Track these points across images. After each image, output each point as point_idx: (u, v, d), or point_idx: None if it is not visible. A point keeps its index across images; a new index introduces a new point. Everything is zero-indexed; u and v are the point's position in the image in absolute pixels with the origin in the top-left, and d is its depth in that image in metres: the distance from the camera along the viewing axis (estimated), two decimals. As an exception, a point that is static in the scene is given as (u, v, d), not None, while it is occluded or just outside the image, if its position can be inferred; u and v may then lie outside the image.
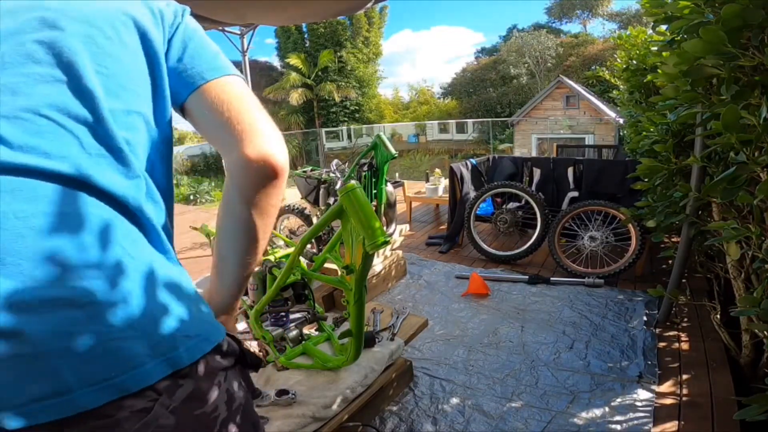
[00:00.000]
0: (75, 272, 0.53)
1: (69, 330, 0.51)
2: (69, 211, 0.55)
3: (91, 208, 0.57)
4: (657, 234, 2.37)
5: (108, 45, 0.62)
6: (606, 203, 3.32)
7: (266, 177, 0.68)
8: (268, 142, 0.67)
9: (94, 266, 0.55)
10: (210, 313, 0.69)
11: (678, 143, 2.31)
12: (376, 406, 1.94)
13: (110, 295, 0.55)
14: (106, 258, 0.56)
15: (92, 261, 0.55)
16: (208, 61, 0.70)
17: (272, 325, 1.91)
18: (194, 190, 12.46)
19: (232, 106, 0.67)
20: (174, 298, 0.61)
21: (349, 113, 24.09)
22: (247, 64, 4.29)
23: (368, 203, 1.36)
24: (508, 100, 22.90)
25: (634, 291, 3.08)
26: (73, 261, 0.53)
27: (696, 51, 1.45)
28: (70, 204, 0.55)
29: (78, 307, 0.52)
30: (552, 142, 14.05)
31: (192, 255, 4.70)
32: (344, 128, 23.31)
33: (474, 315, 2.87)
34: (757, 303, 1.37)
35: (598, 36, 24.59)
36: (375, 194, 3.02)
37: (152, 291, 0.59)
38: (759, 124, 1.31)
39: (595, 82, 18.52)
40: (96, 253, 0.55)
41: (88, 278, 0.54)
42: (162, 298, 0.60)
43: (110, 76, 0.61)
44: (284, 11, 3.36)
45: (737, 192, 1.39)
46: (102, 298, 0.54)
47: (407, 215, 5.49)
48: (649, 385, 2.04)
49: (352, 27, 23.33)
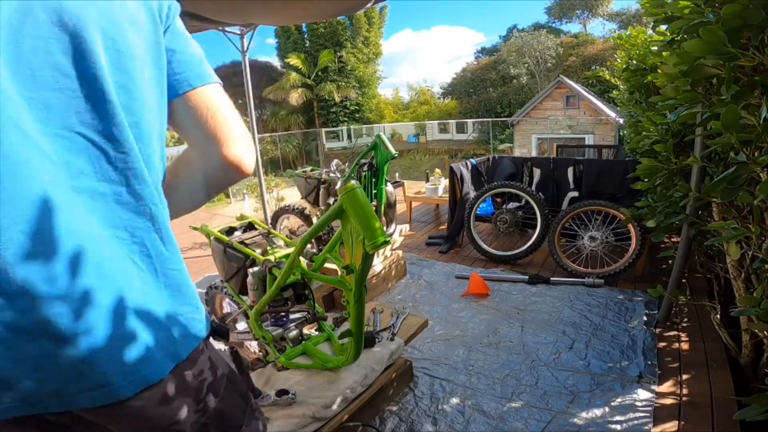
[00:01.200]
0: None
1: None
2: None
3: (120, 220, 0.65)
4: (657, 234, 2.37)
5: (122, 56, 0.63)
6: (606, 203, 3.32)
7: (236, 176, 0.77)
8: (243, 148, 0.76)
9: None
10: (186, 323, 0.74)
11: (678, 143, 2.31)
12: (376, 406, 1.95)
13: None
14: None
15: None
16: (194, 67, 0.74)
17: (272, 325, 1.91)
18: (194, 190, 12.44)
19: (215, 114, 0.73)
20: (144, 323, 0.67)
21: (349, 113, 24.07)
22: (247, 64, 4.28)
23: (368, 203, 1.36)
24: (508, 100, 22.87)
25: (634, 291, 3.08)
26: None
27: (696, 51, 1.45)
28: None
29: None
30: (552, 142, 14.06)
31: (192, 255, 4.70)
32: (344, 128, 23.30)
33: (474, 315, 2.87)
34: (757, 303, 1.37)
35: (598, 36, 24.56)
36: (375, 194, 3.02)
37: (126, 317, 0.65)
38: (759, 124, 1.31)
39: (595, 82, 18.51)
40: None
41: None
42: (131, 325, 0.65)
43: (125, 89, 0.63)
44: (284, 11, 3.36)
45: (737, 192, 1.39)
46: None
47: (407, 215, 5.49)
48: (649, 385, 2.04)
49: (352, 27, 23.31)
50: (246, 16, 3.35)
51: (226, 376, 0.80)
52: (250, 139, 0.79)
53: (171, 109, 0.73)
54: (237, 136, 0.75)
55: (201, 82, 0.73)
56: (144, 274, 0.66)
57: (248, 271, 1.94)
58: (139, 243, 0.66)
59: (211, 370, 0.77)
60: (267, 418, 1.57)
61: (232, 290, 2.21)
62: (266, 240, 2.20)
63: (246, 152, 0.76)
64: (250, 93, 4.38)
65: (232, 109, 0.77)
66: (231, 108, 0.77)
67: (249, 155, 0.77)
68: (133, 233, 0.65)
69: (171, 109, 0.73)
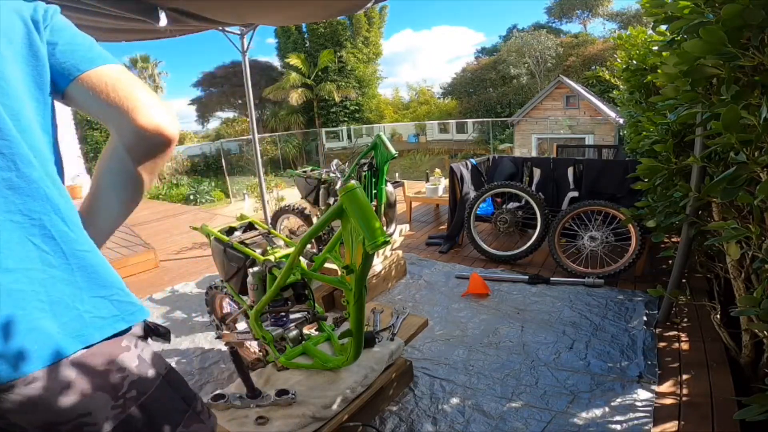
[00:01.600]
0: None
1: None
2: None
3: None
4: (657, 234, 2.36)
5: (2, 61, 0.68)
6: (606, 203, 3.32)
7: (160, 144, 0.77)
8: (158, 114, 0.76)
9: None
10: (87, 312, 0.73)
11: (678, 143, 2.31)
12: (376, 406, 1.95)
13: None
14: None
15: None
16: (80, 54, 0.76)
17: (272, 325, 1.91)
18: (194, 190, 12.46)
19: (116, 87, 0.75)
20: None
21: (349, 113, 24.08)
22: (247, 64, 4.28)
23: (368, 203, 1.36)
24: (508, 100, 22.85)
25: (634, 291, 3.08)
26: None
27: (696, 51, 1.45)
28: None
29: None
30: (552, 142, 14.06)
31: (192, 255, 4.70)
32: (344, 128, 23.30)
33: (474, 315, 2.87)
34: (757, 303, 1.37)
35: (598, 36, 24.52)
36: (375, 194, 3.02)
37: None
38: (759, 124, 1.31)
39: (595, 82, 18.50)
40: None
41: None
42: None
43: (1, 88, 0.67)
44: (284, 11, 3.36)
45: (737, 192, 1.39)
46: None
47: (407, 215, 5.49)
48: (649, 385, 2.04)
49: (352, 27, 23.31)
50: (246, 16, 3.35)
51: (162, 377, 0.80)
52: (167, 108, 0.79)
53: (69, 97, 0.76)
54: (147, 102, 0.75)
55: (91, 65, 0.75)
56: (49, 256, 0.68)
57: (248, 271, 1.94)
58: (39, 225, 0.68)
59: (139, 367, 0.77)
60: (266, 418, 1.58)
61: (232, 290, 2.21)
62: (266, 240, 2.20)
63: (161, 116, 0.76)
64: (250, 93, 4.38)
65: (138, 82, 0.78)
66: (136, 81, 0.78)
67: (165, 119, 0.76)
68: (30, 216, 0.67)
69: (69, 97, 0.76)
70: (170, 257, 4.68)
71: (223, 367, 2.48)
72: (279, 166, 17.38)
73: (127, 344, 0.77)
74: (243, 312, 2.15)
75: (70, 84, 0.74)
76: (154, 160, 0.80)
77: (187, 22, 2.96)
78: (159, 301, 3.49)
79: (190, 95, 58.45)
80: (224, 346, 2.52)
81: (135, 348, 0.78)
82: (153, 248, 4.49)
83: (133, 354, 0.77)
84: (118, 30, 3.03)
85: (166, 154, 0.80)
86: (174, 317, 3.16)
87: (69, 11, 2.37)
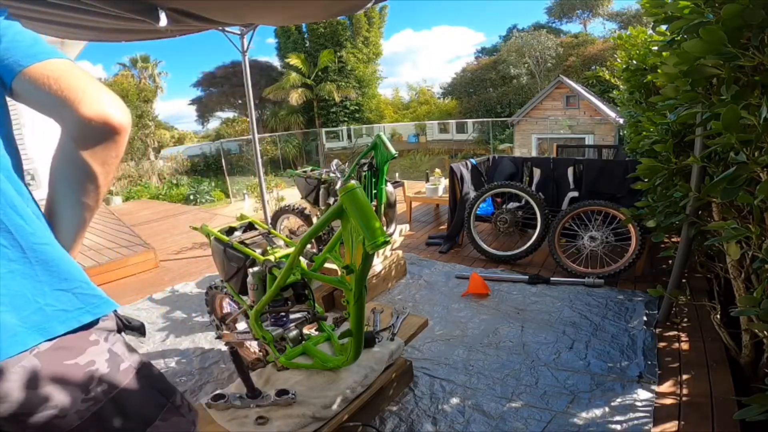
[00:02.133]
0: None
1: None
2: None
3: None
4: (657, 234, 2.36)
5: None
6: (606, 203, 3.32)
7: (108, 133, 0.75)
8: (104, 103, 0.74)
9: None
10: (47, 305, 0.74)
11: (678, 143, 2.31)
12: (376, 406, 1.94)
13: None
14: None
15: None
16: (22, 50, 0.76)
17: (272, 325, 1.91)
18: (194, 190, 12.46)
19: (59, 80, 0.74)
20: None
21: (349, 113, 24.08)
22: (247, 64, 4.28)
23: (368, 203, 1.36)
24: (508, 100, 22.85)
25: (634, 291, 3.08)
26: None
27: (696, 51, 1.45)
28: None
29: None
30: (552, 142, 14.06)
31: (192, 255, 4.70)
32: (344, 128, 23.31)
33: (474, 315, 2.87)
34: (757, 303, 1.37)
35: (598, 36, 24.53)
36: (375, 194, 3.02)
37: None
38: (759, 124, 1.31)
39: (595, 82, 18.50)
40: None
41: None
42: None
43: None
44: (284, 11, 3.36)
45: (737, 192, 1.39)
46: None
47: (407, 215, 5.49)
48: (649, 385, 2.04)
49: (352, 27, 23.31)
50: (246, 16, 3.35)
51: (136, 370, 0.81)
52: (115, 97, 0.77)
53: (15, 92, 0.76)
54: (91, 92, 0.74)
55: (33, 60, 0.75)
56: (6, 250, 0.70)
57: (248, 271, 1.94)
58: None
59: (110, 361, 0.77)
60: (266, 418, 1.58)
61: (232, 290, 2.21)
62: (266, 240, 2.20)
63: (106, 105, 0.74)
64: (250, 93, 4.38)
65: (84, 75, 0.76)
66: (81, 73, 0.76)
67: (111, 108, 0.75)
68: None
69: (15, 92, 0.76)
70: (170, 257, 4.68)
71: (223, 367, 2.48)
72: (279, 166, 17.38)
73: (96, 338, 0.77)
74: (243, 312, 2.15)
75: (14, 79, 0.74)
76: (104, 151, 0.77)
77: (187, 22, 2.96)
78: (159, 301, 3.49)
79: (190, 95, 58.49)
80: (224, 346, 2.52)
81: (105, 342, 0.79)
82: (153, 248, 4.49)
83: (102, 347, 0.77)
84: (118, 30, 3.03)
85: (116, 143, 0.78)
86: (174, 317, 3.16)
87: (69, 11, 2.37)
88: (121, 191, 11.98)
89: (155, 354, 2.66)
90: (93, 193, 0.80)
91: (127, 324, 0.88)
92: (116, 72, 23.91)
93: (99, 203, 0.84)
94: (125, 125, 0.77)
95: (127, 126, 0.77)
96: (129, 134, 0.81)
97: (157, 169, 15.58)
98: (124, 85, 14.50)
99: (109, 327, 0.81)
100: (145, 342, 2.78)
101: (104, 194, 0.84)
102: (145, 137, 14.78)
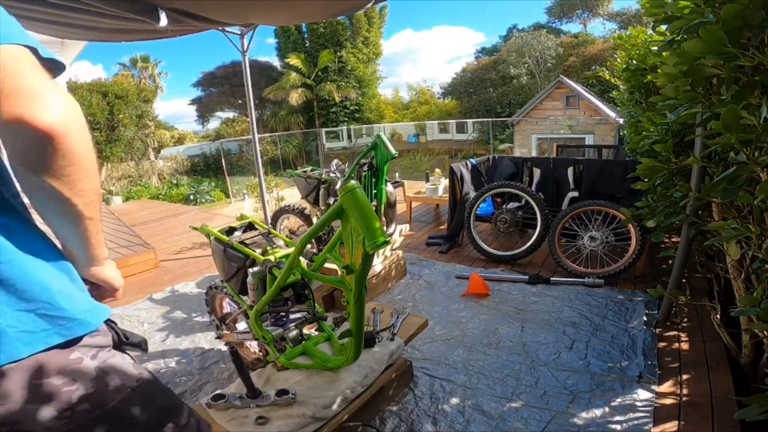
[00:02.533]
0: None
1: None
2: None
3: None
4: (657, 234, 2.36)
5: None
6: (606, 203, 3.32)
7: (33, 138, 0.62)
8: (26, 101, 0.61)
9: None
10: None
11: (678, 143, 2.31)
12: (376, 406, 1.94)
13: None
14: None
15: None
16: None
17: (272, 325, 1.91)
18: (194, 190, 12.47)
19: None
20: None
21: (349, 113, 24.09)
22: (247, 64, 4.28)
23: (368, 203, 1.36)
24: (508, 100, 22.86)
25: (634, 291, 3.08)
26: None
27: (696, 51, 1.45)
28: None
29: None
30: (552, 142, 14.06)
31: (192, 255, 4.70)
32: (344, 128, 23.31)
33: (474, 315, 2.87)
34: (757, 303, 1.37)
35: (598, 36, 24.53)
36: (375, 194, 3.02)
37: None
38: (759, 124, 1.31)
39: (595, 82, 18.50)
40: None
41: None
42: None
43: None
44: (284, 11, 3.36)
45: (737, 192, 1.39)
46: None
47: (407, 215, 5.49)
48: (649, 385, 2.04)
49: (352, 27, 23.31)
50: (246, 16, 3.35)
51: (132, 388, 0.77)
52: (51, 93, 0.65)
53: None
54: (19, 88, 0.61)
55: None
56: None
57: (248, 271, 1.94)
58: None
59: (96, 380, 0.73)
60: (266, 418, 1.58)
61: (232, 290, 2.21)
62: (266, 240, 2.20)
63: (33, 105, 0.61)
64: (250, 93, 4.38)
65: (18, 64, 0.63)
66: (13, 63, 0.63)
67: (39, 108, 0.62)
68: None
69: None
70: (170, 257, 4.68)
71: (223, 367, 2.48)
72: (279, 166, 17.38)
73: (78, 356, 0.73)
74: (243, 312, 2.15)
75: None
76: (46, 163, 0.65)
77: (187, 22, 2.96)
78: (159, 301, 3.49)
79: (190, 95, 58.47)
80: (224, 346, 2.52)
81: (91, 360, 0.74)
82: (153, 248, 4.49)
83: (86, 365, 0.73)
84: (118, 30, 3.03)
85: (57, 150, 0.65)
86: (174, 317, 3.16)
87: (69, 11, 2.37)
88: (121, 191, 11.99)
89: (155, 354, 2.66)
90: (68, 206, 0.71)
91: (126, 340, 0.83)
92: (116, 72, 23.98)
93: (91, 208, 0.75)
94: (58, 127, 0.63)
95: (64, 127, 0.64)
96: (80, 137, 0.68)
97: (157, 169, 15.58)
98: (124, 85, 14.49)
99: (100, 343, 0.77)
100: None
101: (90, 199, 0.74)
102: (145, 137, 14.77)
